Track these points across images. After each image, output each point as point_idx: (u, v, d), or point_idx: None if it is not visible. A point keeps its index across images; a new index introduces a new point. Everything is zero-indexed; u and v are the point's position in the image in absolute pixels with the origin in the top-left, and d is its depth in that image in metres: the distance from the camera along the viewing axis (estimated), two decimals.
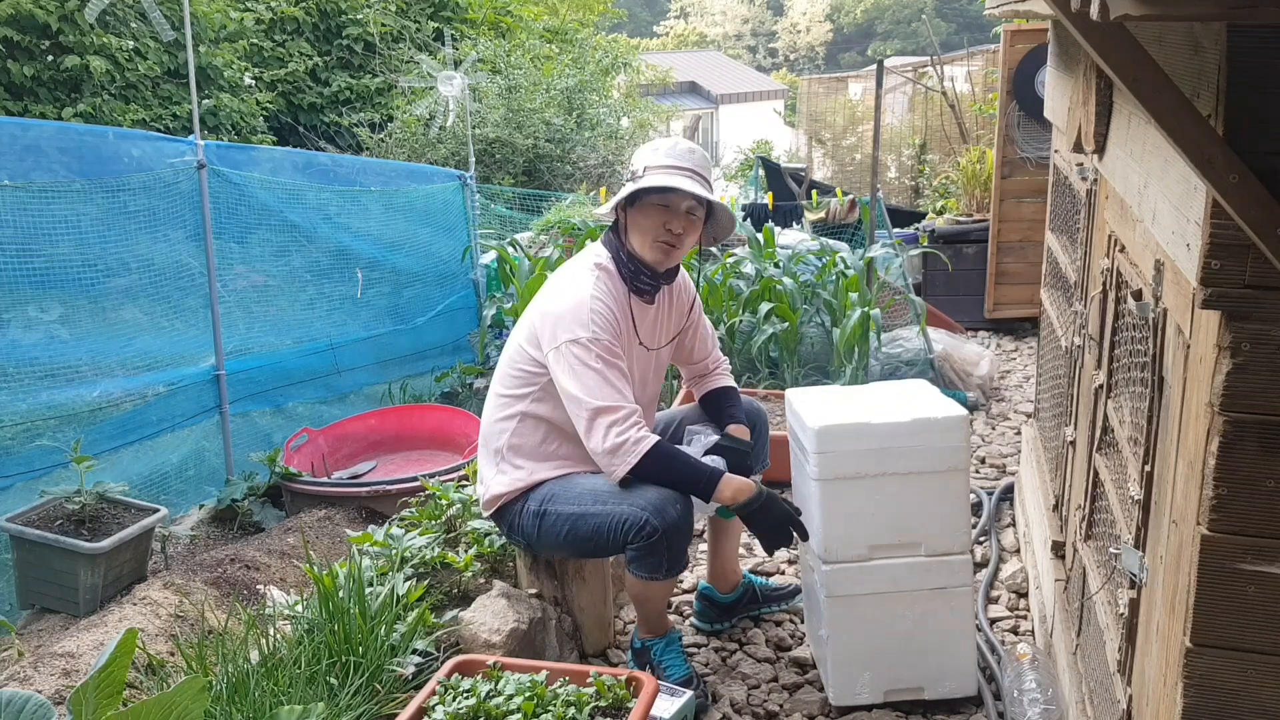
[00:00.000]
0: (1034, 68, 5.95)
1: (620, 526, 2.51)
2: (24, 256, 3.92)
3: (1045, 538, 2.88)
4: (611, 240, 2.74)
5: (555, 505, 2.62)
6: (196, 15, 9.51)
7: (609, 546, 2.58)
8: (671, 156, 2.67)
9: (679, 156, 2.67)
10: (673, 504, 2.50)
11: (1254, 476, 1.39)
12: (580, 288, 2.63)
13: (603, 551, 2.65)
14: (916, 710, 2.62)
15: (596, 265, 2.70)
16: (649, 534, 2.48)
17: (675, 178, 2.63)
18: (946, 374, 5.17)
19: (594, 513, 2.55)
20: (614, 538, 2.54)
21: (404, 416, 5.26)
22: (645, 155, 2.70)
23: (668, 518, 2.48)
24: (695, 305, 3.00)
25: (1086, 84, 2.34)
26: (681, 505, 2.51)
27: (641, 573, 2.56)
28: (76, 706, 1.64)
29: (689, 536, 2.58)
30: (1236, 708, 1.46)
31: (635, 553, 2.53)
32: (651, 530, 2.47)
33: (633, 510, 2.49)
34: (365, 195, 5.84)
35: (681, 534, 2.52)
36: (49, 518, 3.68)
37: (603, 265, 2.70)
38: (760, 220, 7.07)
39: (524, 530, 2.70)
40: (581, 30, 15.04)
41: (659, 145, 2.72)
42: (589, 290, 2.61)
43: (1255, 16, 0.98)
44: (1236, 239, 1.31)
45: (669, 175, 2.63)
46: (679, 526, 2.50)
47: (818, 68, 37.31)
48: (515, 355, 2.72)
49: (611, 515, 2.52)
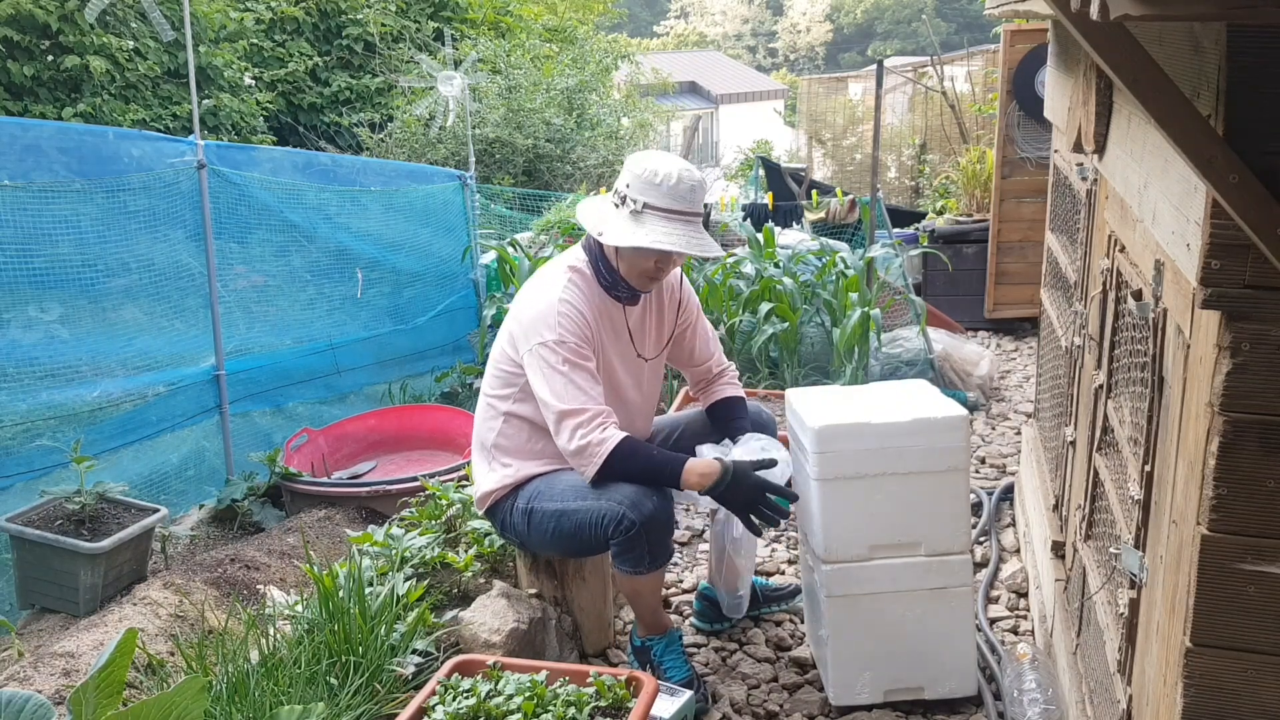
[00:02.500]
0: (1034, 68, 5.95)
1: (600, 522, 2.53)
2: (24, 256, 3.92)
3: (1045, 538, 2.88)
4: (592, 247, 2.73)
5: (541, 502, 2.65)
6: (196, 15, 9.50)
7: (593, 543, 2.60)
8: (674, 198, 2.59)
9: (680, 199, 2.59)
10: (648, 497, 2.52)
11: (1254, 476, 1.39)
12: (551, 291, 2.66)
13: (589, 548, 2.66)
14: (916, 710, 2.62)
15: (570, 268, 2.71)
16: (627, 528, 2.50)
17: (675, 231, 2.58)
18: (946, 374, 5.17)
19: (575, 509, 2.58)
20: (595, 533, 2.56)
21: (404, 416, 5.26)
22: (646, 188, 2.59)
23: (644, 511, 2.50)
24: (689, 303, 2.98)
25: (1086, 84, 2.34)
26: (658, 498, 2.54)
27: (626, 567, 2.58)
28: (76, 706, 1.64)
29: (669, 527, 2.59)
30: (1236, 708, 1.46)
31: (617, 548, 2.56)
32: (629, 524, 2.49)
33: (610, 505, 2.52)
34: (365, 195, 5.84)
35: (659, 525, 2.53)
36: (49, 518, 3.68)
37: (577, 269, 2.71)
38: (760, 220, 7.07)
39: (515, 528, 2.73)
40: (581, 28, 15.03)
41: (660, 176, 2.59)
42: (558, 294, 2.64)
43: (1255, 16, 0.98)
44: (1236, 239, 1.31)
45: (670, 226, 2.58)
46: (656, 518, 2.52)
47: (818, 68, 37.31)
48: (498, 357, 2.76)
49: (591, 511, 2.55)
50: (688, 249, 2.60)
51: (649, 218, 2.59)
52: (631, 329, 2.80)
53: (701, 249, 2.63)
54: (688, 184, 2.61)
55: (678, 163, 2.65)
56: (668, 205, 2.59)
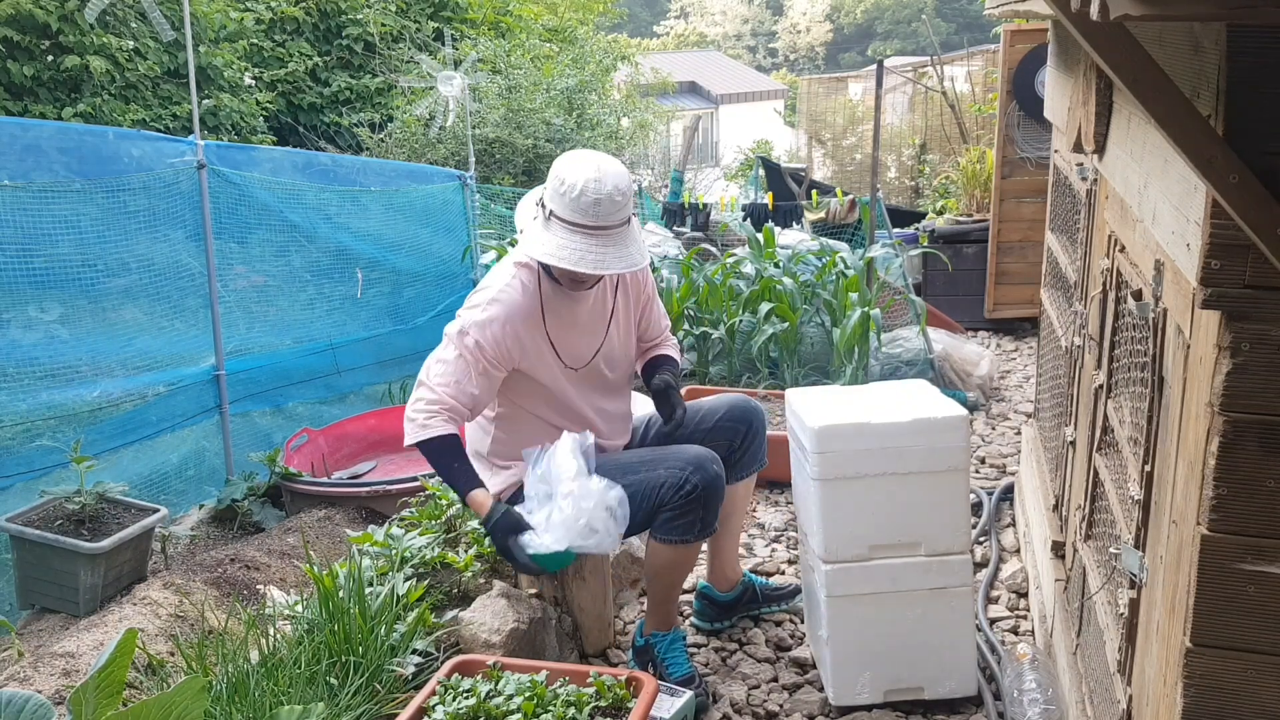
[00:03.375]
0: (1034, 68, 5.95)
1: (659, 489, 2.56)
2: (24, 256, 3.92)
3: (1045, 538, 2.88)
4: None
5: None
6: (196, 15, 9.50)
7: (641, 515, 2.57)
8: (576, 211, 2.50)
9: (582, 212, 2.49)
10: (712, 462, 2.59)
11: (1254, 476, 1.39)
12: (488, 291, 2.66)
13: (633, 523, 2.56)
14: (916, 710, 2.62)
15: (516, 265, 2.70)
16: (689, 491, 2.53)
17: (578, 246, 2.50)
18: (946, 374, 5.17)
19: (627, 482, 2.52)
20: (649, 504, 2.57)
21: (404, 416, 5.25)
22: (553, 194, 2.54)
23: (707, 475, 2.55)
24: (647, 283, 2.92)
25: (1086, 84, 2.34)
26: (717, 465, 2.60)
27: (673, 536, 2.60)
28: (76, 706, 1.64)
29: (722, 496, 2.63)
30: (1236, 708, 1.46)
31: (671, 514, 2.57)
32: (692, 488, 2.53)
33: (671, 473, 2.56)
34: (365, 195, 5.84)
35: (716, 492, 2.58)
36: (49, 518, 3.68)
37: (523, 264, 2.69)
38: (760, 220, 7.08)
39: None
40: (581, 28, 15.03)
41: (566, 185, 2.51)
42: (492, 294, 2.64)
43: (1255, 16, 0.99)
44: (1236, 239, 1.31)
45: (572, 239, 2.50)
46: (716, 485, 2.58)
47: (818, 68, 37.30)
48: None
49: (647, 481, 2.57)
50: (578, 266, 2.49)
51: (555, 227, 2.53)
52: (585, 309, 2.76)
53: (599, 265, 2.51)
54: (591, 197, 2.48)
55: (592, 170, 2.52)
56: (570, 217, 2.51)
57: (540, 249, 2.54)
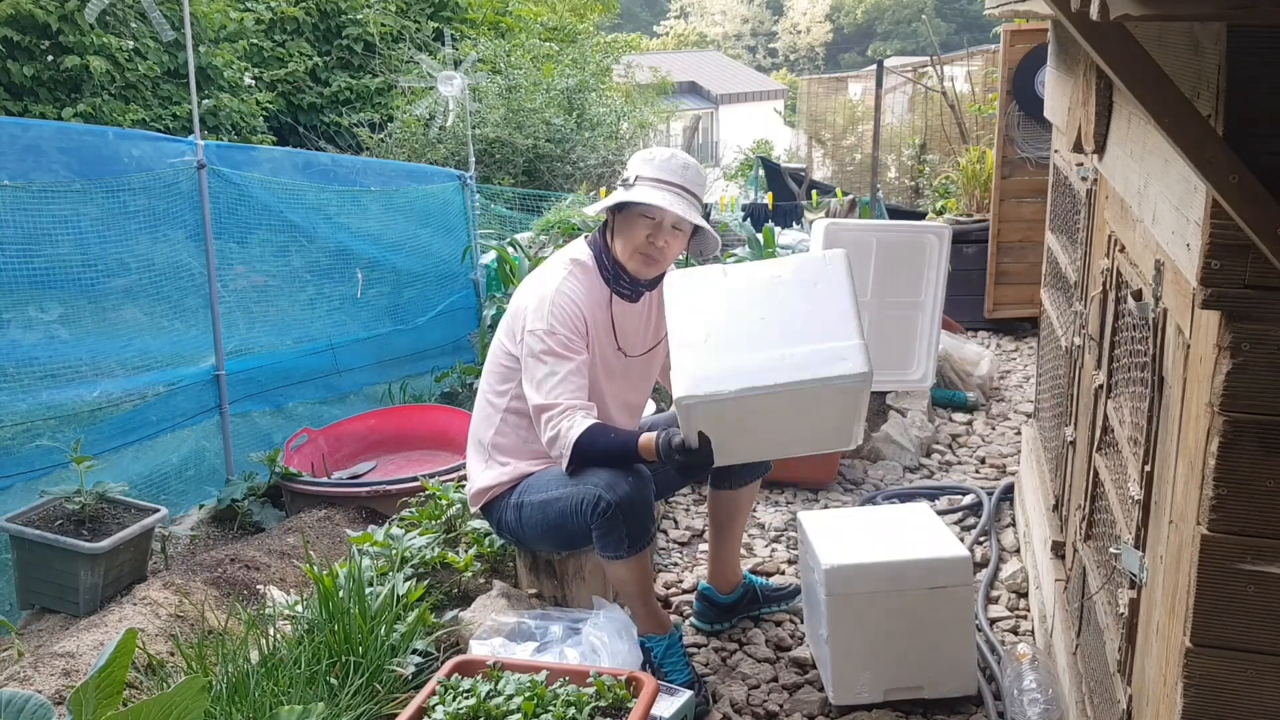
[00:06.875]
0: (1034, 68, 5.94)
1: (580, 507, 2.54)
2: (24, 256, 3.92)
3: (1045, 538, 2.88)
4: (597, 240, 2.78)
5: (529, 495, 2.67)
6: (196, 15, 9.50)
7: (578, 530, 2.59)
8: (664, 171, 2.68)
9: (671, 171, 2.68)
10: (623, 478, 2.52)
11: (1254, 477, 1.39)
12: (549, 282, 2.68)
13: (576, 536, 2.64)
14: (916, 710, 2.62)
15: (572, 261, 2.74)
16: (604, 510, 2.50)
17: (664, 194, 2.64)
18: (946, 374, 5.16)
19: (558, 496, 2.59)
20: (578, 520, 2.56)
21: (404, 416, 5.26)
22: (639, 164, 2.71)
23: (619, 491, 2.50)
24: None
25: (1086, 84, 2.34)
26: (634, 479, 2.53)
27: (608, 553, 2.59)
28: (76, 706, 1.64)
29: (647, 508, 2.57)
30: (1236, 708, 1.46)
31: (598, 532, 2.56)
32: (606, 505, 2.50)
33: (587, 489, 2.53)
34: (365, 195, 5.84)
35: (636, 506, 2.52)
36: (49, 518, 3.68)
37: (579, 261, 2.73)
38: (760, 220, 7.07)
39: (509, 525, 2.74)
40: (581, 24, 15.03)
41: (654, 155, 2.73)
42: (555, 285, 2.66)
43: (1255, 16, 0.98)
44: (1236, 239, 1.31)
45: (658, 190, 2.64)
46: (632, 499, 2.51)
47: (818, 68, 37.31)
48: (496, 351, 2.78)
49: (572, 496, 2.56)
50: (670, 207, 2.62)
51: (639, 186, 2.66)
52: (630, 325, 2.80)
53: (688, 215, 2.64)
54: (680, 160, 2.71)
55: (676, 150, 2.76)
56: (656, 175, 2.67)
57: (629, 197, 2.63)
